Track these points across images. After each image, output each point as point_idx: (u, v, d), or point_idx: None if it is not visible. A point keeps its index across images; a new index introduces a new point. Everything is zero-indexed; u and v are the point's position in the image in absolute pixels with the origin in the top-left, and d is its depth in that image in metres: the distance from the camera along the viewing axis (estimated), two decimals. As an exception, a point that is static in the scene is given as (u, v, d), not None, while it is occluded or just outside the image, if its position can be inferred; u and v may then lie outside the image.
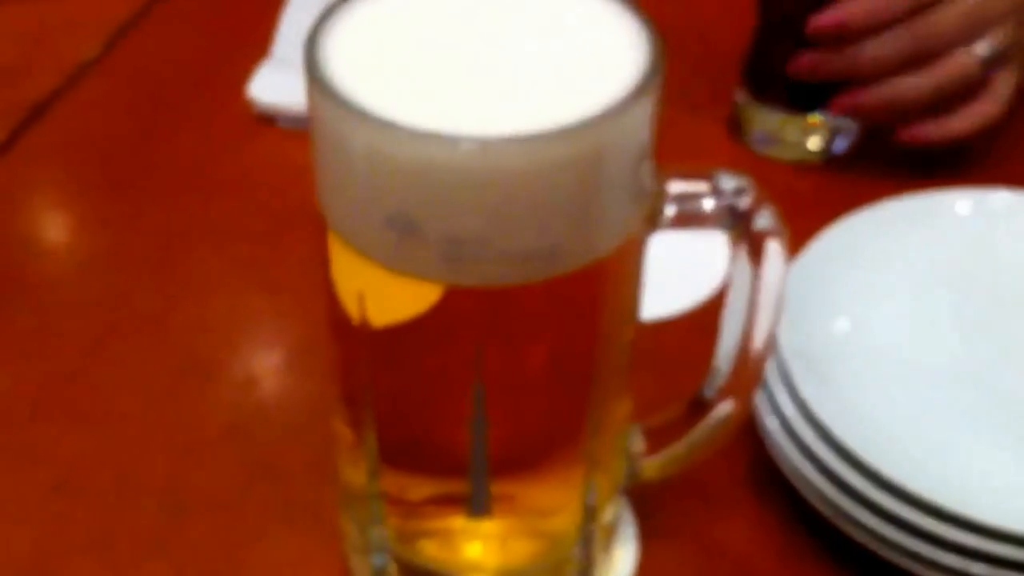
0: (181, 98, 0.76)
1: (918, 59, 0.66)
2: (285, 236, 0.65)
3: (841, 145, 0.72)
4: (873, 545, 0.49)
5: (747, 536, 0.53)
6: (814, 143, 0.72)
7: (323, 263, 0.43)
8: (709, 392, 0.47)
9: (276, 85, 0.73)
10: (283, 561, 0.51)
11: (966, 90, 0.68)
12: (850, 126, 0.72)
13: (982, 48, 0.66)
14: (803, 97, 0.71)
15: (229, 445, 0.56)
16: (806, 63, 0.68)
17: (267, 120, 0.73)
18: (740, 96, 0.74)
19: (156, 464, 0.55)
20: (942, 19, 0.65)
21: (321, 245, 0.42)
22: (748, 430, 0.53)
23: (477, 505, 0.45)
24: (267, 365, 0.60)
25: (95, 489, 0.54)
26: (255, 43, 0.77)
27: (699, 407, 0.48)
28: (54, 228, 0.68)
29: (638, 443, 0.49)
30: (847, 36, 0.66)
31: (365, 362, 0.43)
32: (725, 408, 0.47)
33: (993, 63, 0.67)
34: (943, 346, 0.55)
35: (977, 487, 0.48)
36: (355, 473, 0.47)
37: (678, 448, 0.48)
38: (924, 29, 0.65)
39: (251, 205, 0.68)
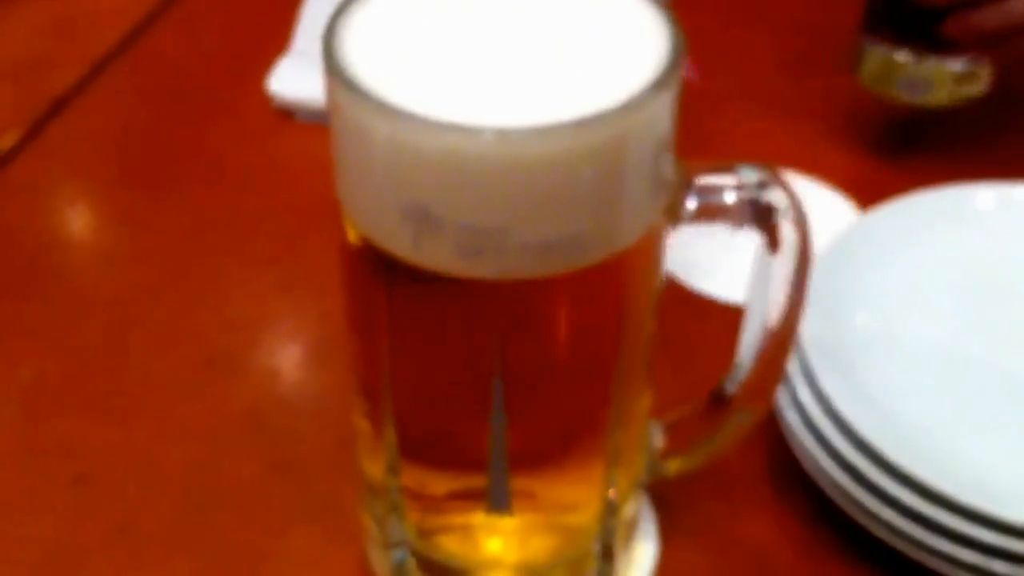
0: (202, 92, 0.75)
1: None
2: (305, 230, 0.64)
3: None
4: (893, 541, 0.48)
5: (767, 531, 0.51)
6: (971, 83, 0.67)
7: (342, 257, 0.43)
8: (730, 387, 0.46)
9: (296, 79, 0.72)
10: (304, 554, 0.51)
11: None
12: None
13: None
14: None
15: (250, 439, 0.55)
16: None
17: (287, 114, 0.72)
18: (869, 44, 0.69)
19: (177, 457, 0.54)
20: None
21: (340, 238, 0.42)
22: (768, 424, 0.52)
23: (496, 501, 0.44)
24: (287, 359, 0.59)
25: (116, 482, 0.53)
26: (277, 37, 0.77)
27: (720, 403, 0.47)
28: (77, 221, 0.67)
29: (658, 439, 0.48)
30: None
31: (384, 356, 0.42)
32: (747, 404, 0.46)
33: None
34: (966, 341, 0.54)
35: (1000, 484, 0.47)
36: (374, 468, 0.46)
37: (699, 444, 0.47)
38: None
39: (272, 199, 0.67)
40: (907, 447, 0.48)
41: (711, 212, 0.42)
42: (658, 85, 0.37)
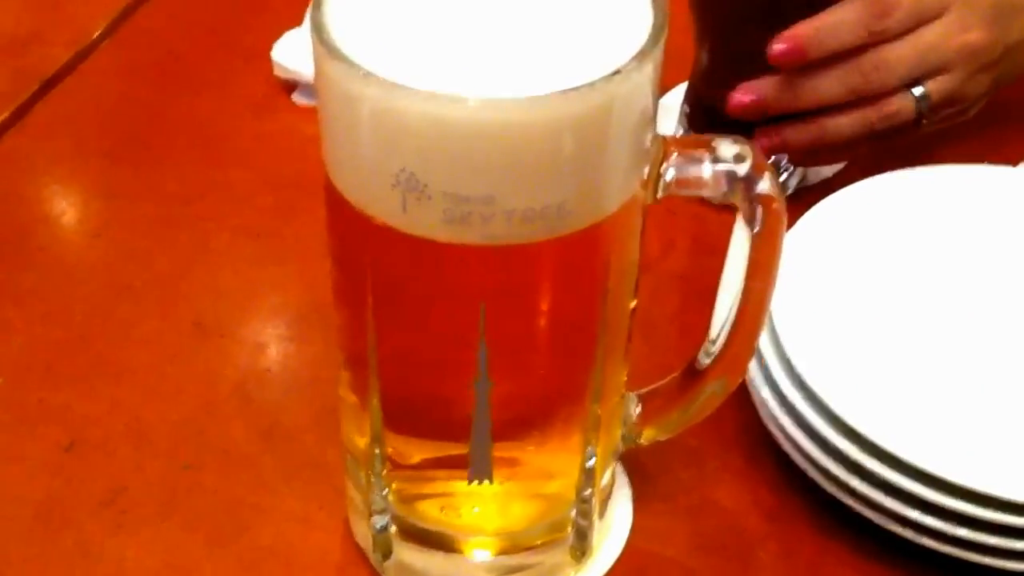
0: (193, 69, 0.73)
1: (860, 95, 0.57)
2: (293, 204, 0.62)
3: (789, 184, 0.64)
4: (859, 508, 0.47)
5: (737, 498, 0.50)
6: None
7: (329, 226, 0.41)
8: (703, 360, 0.45)
9: (298, 52, 0.69)
10: (289, 518, 0.49)
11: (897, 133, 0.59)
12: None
13: (922, 90, 0.58)
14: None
15: (237, 406, 0.53)
16: (746, 100, 0.58)
17: (278, 91, 0.70)
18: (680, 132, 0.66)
19: (166, 423, 0.52)
20: (893, 55, 0.57)
21: (327, 208, 0.40)
22: (737, 394, 0.50)
23: (478, 469, 0.42)
24: (275, 329, 0.57)
25: (107, 448, 0.51)
26: (267, 16, 0.74)
27: (693, 375, 0.45)
28: (67, 194, 0.65)
29: (633, 409, 0.46)
30: (801, 63, 0.56)
31: (370, 325, 0.40)
32: (719, 376, 0.44)
33: (931, 109, 0.58)
34: (935, 315, 0.52)
35: (965, 453, 0.46)
36: (359, 437, 0.45)
37: (673, 414, 0.46)
38: (872, 64, 0.57)
39: (261, 173, 0.65)
40: (873, 416, 0.46)
41: (688, 184, 0.41)
42: (642, 55, 0.36)
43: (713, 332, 0.44)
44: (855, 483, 0.47)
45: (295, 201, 0.63)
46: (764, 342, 0.49)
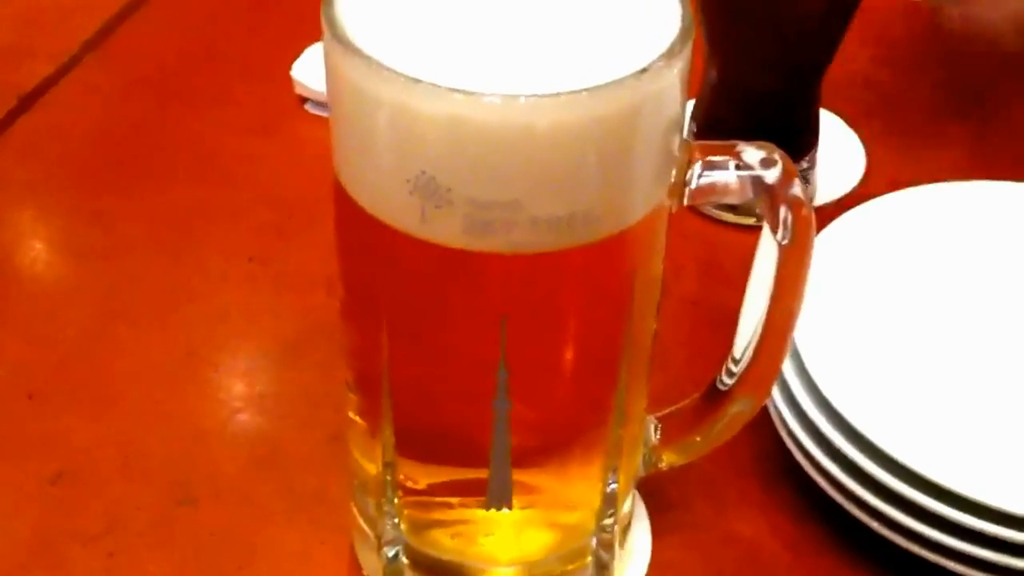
0: (185, 84, 0.71)
1: None
2: (287, 225, 0.61)
3: None
4: (886, 532, 0.45)
5: (758, 527, 0.48)
6: None
7: (339, 237, 0.39)
8: (726, 381, 0.43)
9: (318, 69, 0.67)
10: (290, 552, 0.46)
11: None
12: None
13: None
14: None
15: (233, 434, 0.51)
16: None
17: (277, 109, 0.68)
18: None
19: (160, 453, 0.49)
20: None
21: (337, 217, 0.38)
22: (753, 419, 0.49)
23: (497, 494, 0.40)
24: (271, 354, 0.54)
25: (98, 479, 0.48)
26: (253, 32, 0.73)
27: (715, 396, 0.43)
28: (53, 215, 0.62)
29: (652, 433, 0.44)
30: None
31: (383, 341, 0.38)
32: (744, 395, 0.42)
33: None
34: (959, 333, 0.50)
35: (1004, 475, 0.44)
36: (368, 462, 0.42)
37: (694, 437, 0.44)
38: None
39: (253, 194, 0.63)
40: (900, 436, 0.44)
41: (714, 191, 0.39)
42: (671, 54, 0.34)
43: (737, 350, 0.42)
44: (885, 507, 0.44)
45: (290, 223, 0.61)
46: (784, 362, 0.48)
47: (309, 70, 0.68)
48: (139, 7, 0.76)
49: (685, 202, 0.38)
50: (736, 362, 0.43)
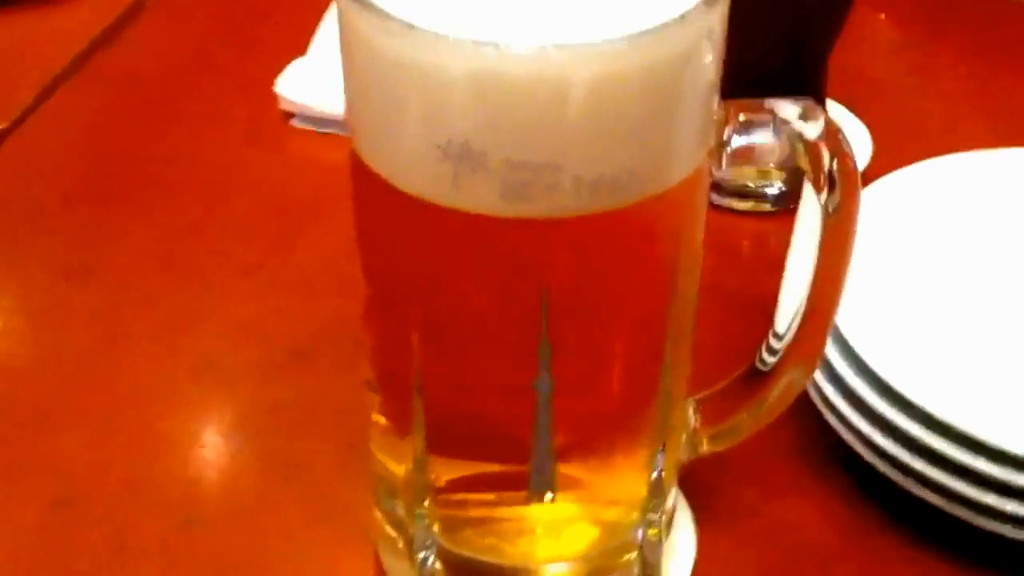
0: (175, 101, 0.68)
1: None
2: (293, 235, 0.58)
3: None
4: (947, 506, 0.42)
5: (807, 512, 0.45)
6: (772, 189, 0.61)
7: (359, 218, 0.36)
8: (768, 359, 0.40)
9: (303, 83, 0.65)
10: (312, 566, 0.43)
11: None
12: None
13: None
14: None
15: (245, 447, 0.48)
16: None
17: (272, 120, 0.66)
18: None
19: (169, 472, 0.47)
20: None
21: (356, 196, 0.36)
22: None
23: (539, 481, 0.37)
24: (278, 365, 0.51)
25: (103, 502, 0.45)
26: (236, 50, 0.71)
27: (757, 375, 0.40)
28: (50, 236, 0.59)
29: (693, 416, 0.42)
30: None
31: (413, 333, 0.36)
32: (792, 368, 0.40)
33: None
34: (995, 293, 0.48)
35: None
36: (395, 464, 0.40)
37: (738, 418, 0.41)
38: None
39: (250, 205, 0.60)
40: (951, 402, 0.42)
41: (752, 150, 0.36)
42: (708, 4, 0.32)
43: (780, 324, 0.40)
44: (943, 478, 0.42)
45: (288, 233, 0.58)
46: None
47: (293, 84, 0.65)
48: (122, 29, 0.73)
49: (723, 165, 0.36)
50: (779, 337, 0.40)
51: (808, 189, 0.37)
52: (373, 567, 0.43)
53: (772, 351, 0.41)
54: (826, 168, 0.36)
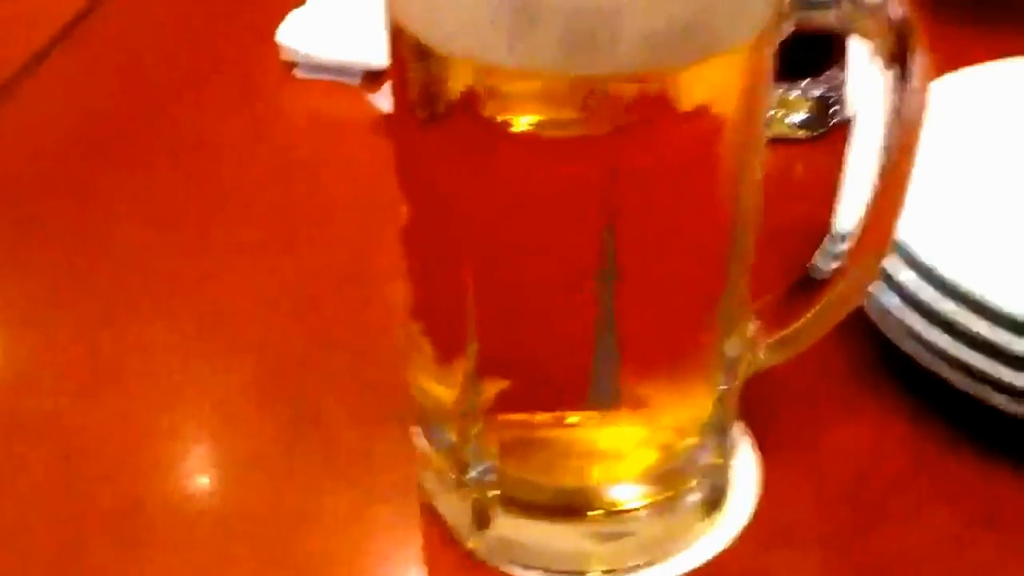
0: (165, 64, 0.65)
1: None
2: (301, 191, 0.55)
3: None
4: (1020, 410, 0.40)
5: (872, 434, 0.43)
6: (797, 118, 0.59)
7: (400, 97, 0.34)
8: (823, 263, 0.38)
9: (304, 32, 0.63)
10: (346, 516, 0.40)
11: None
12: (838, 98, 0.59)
13: None
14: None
15: (262, 402, 0.44)
16: None
17: (265, 80, 0.63)
18: None
19: (181, 429, 0.44)
20: None
21: (396, 74, 0.33)
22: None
23: (601, 390, 0.35)
24: (291, 316, 0.48)
25: (109, 460, 0.42)
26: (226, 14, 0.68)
27: (812, 281, 0.38)
28: (54, 198, 0.56)
29: (751, 327, 0.40)
30: None
31: (464, 242, 0.34)
32: (858, 263, 0.37)
33: None
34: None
35: None
36: (444, 391, 0.37)
37: (798, 326, 0.39)
38: None
39: (261, 165, 0.57)
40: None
41: (811, 20, 0.34)
42: None
43: (843, 223, 0.38)
44: (1010, 376, 0.40)
45: (303, 181, 0.56)
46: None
47: (295, 33, 0.63)
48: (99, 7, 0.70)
49: (786, 30, 0.34)
50: (840, 239, 0.38)
51: (872, 67, 0.35)
52: (416, 511, 0.41)
53: (832, 256, 0.38)
54: (891, 31, 0.34)
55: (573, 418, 0.36)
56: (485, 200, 0.33)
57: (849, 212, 0.37)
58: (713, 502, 0.39)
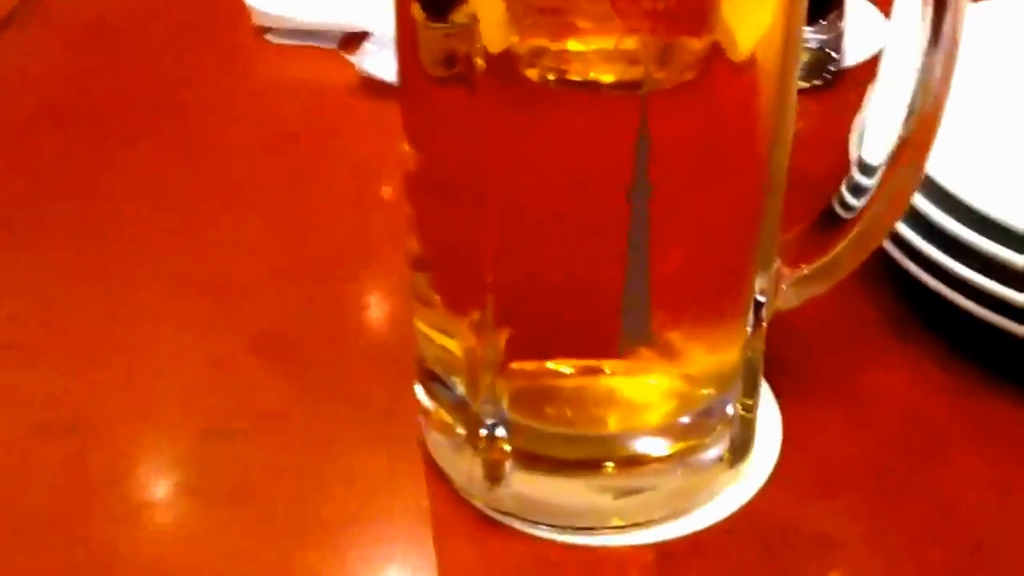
0: (131, 32, 0.62)
1: None
2: (291, 154, 0.53)
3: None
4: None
5: (897, 380, 0.41)
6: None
7: (408, 73, 0.33)
8: (850, 198, 0.36)
9: None
10: (356, 476, 0.38)
11: None
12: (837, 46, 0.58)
13: None
14: None
15: (265, 366, 0.42)
16: None
17: (238, 44, 0.61)
18: None
19: (180, 395, 0.41)
20: None
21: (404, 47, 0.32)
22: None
23: (634, 323, 0.32)
24: (293, 276, 0.46)
25: (112, 424, 0.40)
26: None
27: (837, 217, 0.36)
28: (29, 156, 0.53)
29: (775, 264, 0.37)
30: None
31: (492, 166, 0.31)
32: (880, 206, 0.35)
33: None
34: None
35: None
36: (454, 342, 0.35)
37: (823, 263, 0.36)
38: None
39: (249, 128, 0.55)
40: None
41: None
42: None
43: (871, 155, 0.35)
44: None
45: (281, 147, 0.53)
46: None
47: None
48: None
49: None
50: (870, 170, 0.35)
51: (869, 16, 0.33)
52: (421, 466, 0.38)
53: (857, 190, 0.36)
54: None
55: (597, 365, 0.34)
56: (517, 138, 0.31)
57: (877, 145, 0.35)
58: (737, 453, 0.37)
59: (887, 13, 0.61)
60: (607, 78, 0.30)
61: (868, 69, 0.52)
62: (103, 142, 0.54)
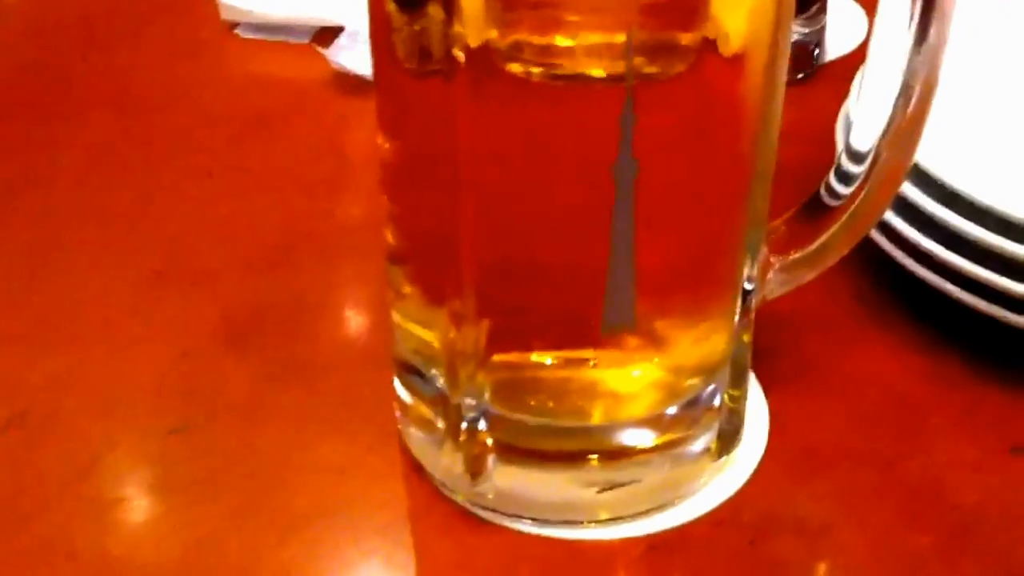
0: (100, 21, 0.61)
1: None
2: (246, 140, 0.52)
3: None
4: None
5: (882, 370, 0.40)
6: None
7: (383, 62, 0.32)
8: (838, 184, 0.35)
9: None
10: (328, 467, 0.37)
11: None
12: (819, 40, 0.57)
13: None
14: None
15: (229, 350, 0.41)
16: None
17: (210, 33, 0.59)
18: None
19: (141, 383, 0.40)
20: None
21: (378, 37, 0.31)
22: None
23: (616, 310, 0.31)
24: (255, 263, 0.45)
25: (65, 417, 0.38)
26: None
27: (823, 205, 0.35)
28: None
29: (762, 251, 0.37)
30: None
31: (471, 153, 0.30)
32: (869, 193, 0.34)
33: None
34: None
35: None
36: (433, 335, 0.34)
37: (811, 250, 0.35)
38: None
39: (204, 114, 0.54)
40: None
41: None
42: None
43: (860, 142, 0.35)
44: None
45: (243, 139, 0.52)
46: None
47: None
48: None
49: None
50: (860, 157, 0.35)
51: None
52: (399, 461, 0.37)
53: (844, 176, 0.35)
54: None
55: (581, 355, 0.33)
56: (497, 129, 0.30)
57: (866, 131, 0.35)
58: (725, 444, 0.36)
59: (869, 8, 0.61)
60: (595, 72, 0.30)
61: (850, 63, 0.52)
62: (66, 133, 0.53)
